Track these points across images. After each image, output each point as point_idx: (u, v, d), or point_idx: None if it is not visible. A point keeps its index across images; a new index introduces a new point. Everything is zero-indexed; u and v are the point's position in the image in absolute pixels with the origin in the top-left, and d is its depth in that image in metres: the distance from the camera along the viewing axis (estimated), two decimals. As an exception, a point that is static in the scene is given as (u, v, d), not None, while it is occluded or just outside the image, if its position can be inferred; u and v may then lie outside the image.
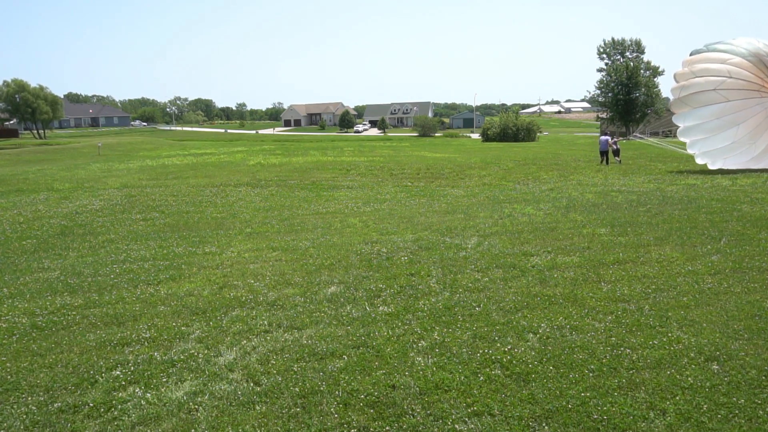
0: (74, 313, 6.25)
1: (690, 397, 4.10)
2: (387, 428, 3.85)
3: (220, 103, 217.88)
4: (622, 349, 4.92)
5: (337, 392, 4.32)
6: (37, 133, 74.75)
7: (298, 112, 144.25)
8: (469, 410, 4.02)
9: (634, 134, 39.23)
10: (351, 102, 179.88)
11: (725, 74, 18.00)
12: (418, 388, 4.33)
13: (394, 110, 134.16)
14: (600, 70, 67.69)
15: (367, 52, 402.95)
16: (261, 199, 15.17)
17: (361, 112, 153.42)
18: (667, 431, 3.73)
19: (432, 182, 18.66)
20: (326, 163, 26.58)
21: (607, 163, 24.76)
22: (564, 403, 4.07)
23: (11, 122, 79.93)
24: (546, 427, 3.80)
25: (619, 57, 66.53)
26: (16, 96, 68.52)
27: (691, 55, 19.62)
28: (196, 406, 4.19)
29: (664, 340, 5.08)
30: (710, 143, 18.64)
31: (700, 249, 8.13)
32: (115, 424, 3.99)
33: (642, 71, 64.98)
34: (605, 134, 27.33)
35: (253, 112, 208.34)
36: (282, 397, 4.29)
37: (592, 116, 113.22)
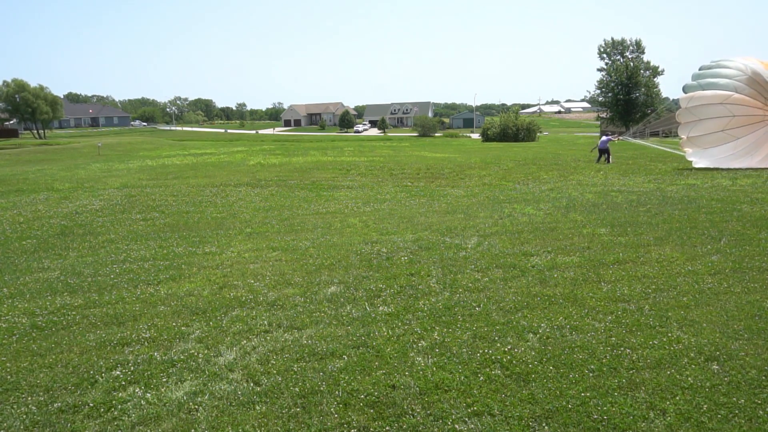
0: (74, 313, 6.25)
1: (690, 397, 4.10)
2: (387, 428, 3.85)
3: (220, 103, 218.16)
4: (622, 349, 4.92)
5: (337, 392, 4.32)
6: (37, 133, 74.75)
7: (298, 112, 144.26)
8: (469, 410, 4.02)
9: (624, 136, 39.50)
10: (351, 102, 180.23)
11: (728, 114, 18.75)
12: (418, 388, 4.33)
13: (394, 110, 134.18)
14: (600, 70, 67.77)
15: (367, 52, 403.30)
16: (261, 199, 15.17)
17: (361, 112, 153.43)
18: (667, 431, 3.73)
19: (432, 182, 18.66)
20: (326, 163, 26.57)
21: (607, 161, 25.33)
22: (564, 403, 4.07)
23: (11, 122, 79.92)
24: (546, 427, 3.80)
25: (619, 57, 66.58)
26: (16, 96, 68.56)
27: (685, 92, 20.06)
28: (196, 406, 4.19)
29: (664, 340, 5.08)
30: (726, 165, 19.79)
31: (700, 249, 8.13)
32: (115, 424, 3.99)
33: (642, 71, 65.07)
34: (605, 134, 28.33)
35: (253, 112, 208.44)
36: (282, 397, 4.29)
37: (592, 116, 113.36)
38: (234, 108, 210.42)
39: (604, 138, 26.39)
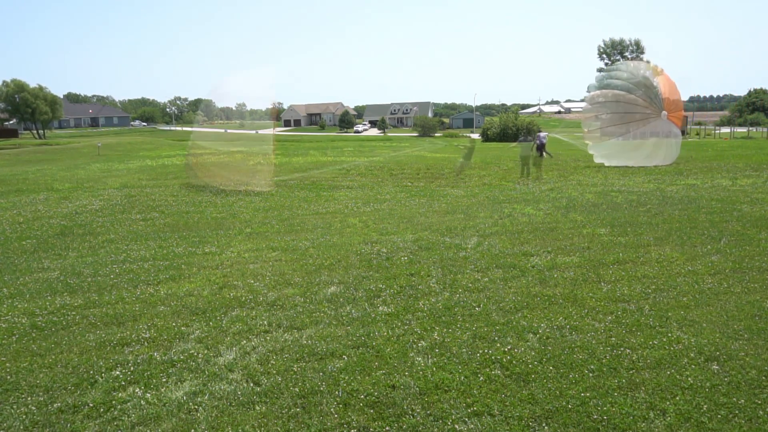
0: (74, 313, 6.25)
1: (690, 397, 4.10)
2: (387, 428, 3.85)
3: (220, 103, 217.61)
4: (622, 349, 4.92)
5: (337, 392, 4.32)
6: (37, 133, 74.72)
7: (297, 112, 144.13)
8: (469, 410, 4.02)
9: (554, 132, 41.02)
10: (351, 102, 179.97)
11: (622, 111, 22.68)
12: (418, 388, 4.33)
13: (394, 110, 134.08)
14: (600, 71, 67.82)
15: (367, 52, 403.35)
16: (261, 199, 15.16)
17: (361, 112, 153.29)
18: (667, 431, 3.73)
19: (432, 182, 18.65)
20: (326, 163, 26.57)
21: (546, 155, 27.65)
22: (564, 403, 4.07)
23: (11, 122, 79.91)
24: (546, 427, 3.80)
25: (618, 57, 66.69)
26: (16, 96, 68.50)
27: (588, 91, 24.77)
28: (196, 406, 4.19)
29: (664, 340, 5.08)
30: (623, 159, 22.70)
31: (700, 249, 8.13)
32: (115, 424, 3.99)
33: (642, 71, 65.15)
34: (541, 131, 31.49)
35: (252, 113, 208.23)
36: (282, 397, 4.29)
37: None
38: (234, 108, 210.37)
39: (542, 134, 28.46)
